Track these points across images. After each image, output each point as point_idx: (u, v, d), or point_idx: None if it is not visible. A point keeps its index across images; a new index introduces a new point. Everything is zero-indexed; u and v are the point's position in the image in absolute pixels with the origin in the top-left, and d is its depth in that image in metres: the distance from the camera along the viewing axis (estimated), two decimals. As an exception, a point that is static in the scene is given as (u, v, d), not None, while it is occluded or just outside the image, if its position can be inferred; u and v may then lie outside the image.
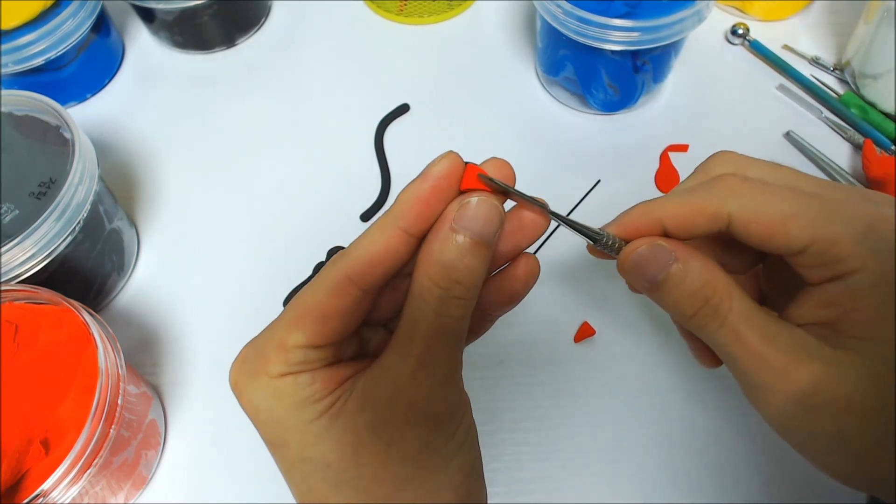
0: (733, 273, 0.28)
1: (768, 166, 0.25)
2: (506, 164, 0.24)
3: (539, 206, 0.24)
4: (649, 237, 0.25)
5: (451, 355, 0.22)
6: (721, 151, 0.27)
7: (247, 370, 0.22)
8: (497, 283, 0.26)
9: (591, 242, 0.26)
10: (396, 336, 0.22)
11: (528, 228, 0.25)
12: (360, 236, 0.23)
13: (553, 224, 0.25)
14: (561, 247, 0.46)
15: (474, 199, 0.22)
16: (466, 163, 0.23)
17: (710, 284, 0.23)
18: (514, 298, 0.26)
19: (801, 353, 0.23)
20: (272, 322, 0.23)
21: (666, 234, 0.25)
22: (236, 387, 0.23)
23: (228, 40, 0.59)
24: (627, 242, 0.25)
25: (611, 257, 0.26)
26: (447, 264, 0.21)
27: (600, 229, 0.26)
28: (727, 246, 0.28)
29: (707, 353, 0.28)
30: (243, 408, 0.23)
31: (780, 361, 0.23)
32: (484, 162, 0.24)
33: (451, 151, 0.23)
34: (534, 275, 0.26)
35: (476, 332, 0.27)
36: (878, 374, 0.22)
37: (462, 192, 0.23)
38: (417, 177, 0.23)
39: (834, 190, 0.24)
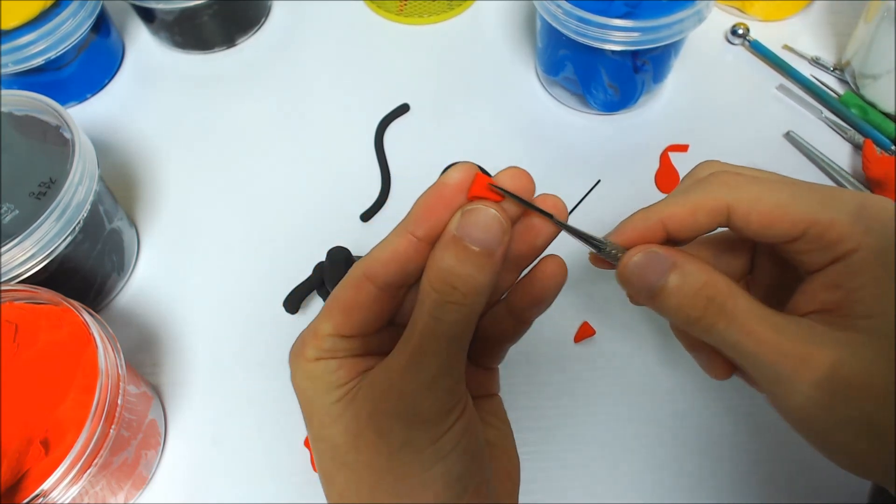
0: None
1: (753, 169, 0.26)
2: (523, 174, 0.24)
3: (546, 215, 0.25)
4: (644, 246, 0.25)
5: (442, 358, 0.22)
6: (705, 161, 0.28)
7: (295, 352, 0.25)
8: (525, 285, 0.26)
9: (595, 251, 0.26)
10: (403, 334, 0.23)
11: (538, 227, 0.26)
12: (382, 240, 0.24)
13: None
14: (561, 247, 0.46)
15: (474, 208, 0.23)
16: (479, 170, 0.23)
17: (711, 283, 0.24)
18: (543, 300, 0.26)
19: (815, 339, 0.23)
20: (318, 315, 0.25)
21: (668, 237, 0.26)
22: (290, 365, 0.25)
23: (228, 40, 0.59)
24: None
25: (613, 267, 0.26)
26: (444, 270, 0.22)
27: (604, 238, 0.26)
28: (719, 254, 0.28)
29: (718, 363, 0.28)
30: (292, 383, 0.25)
31: (796, 349, 0.23)
32: (500, 172, 0.24)
33: (467, 162, 0.24)
34: (560, 275, 0.26)
35: (514, 335, 0.28)
36: (889, 349, 0.22)
37: (471, 200, 0.23)
38: (432, 185, 0.24)
39: (818, 184, 0.25)
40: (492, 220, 0.22)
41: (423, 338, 0.22)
